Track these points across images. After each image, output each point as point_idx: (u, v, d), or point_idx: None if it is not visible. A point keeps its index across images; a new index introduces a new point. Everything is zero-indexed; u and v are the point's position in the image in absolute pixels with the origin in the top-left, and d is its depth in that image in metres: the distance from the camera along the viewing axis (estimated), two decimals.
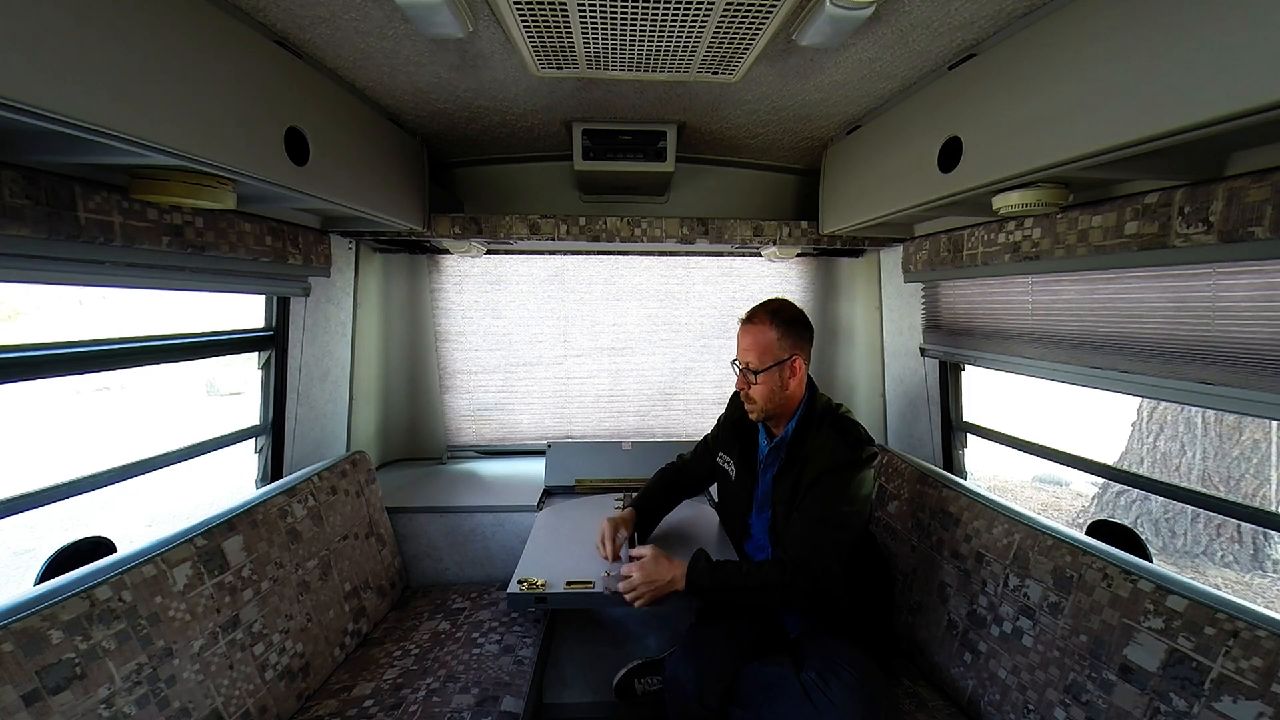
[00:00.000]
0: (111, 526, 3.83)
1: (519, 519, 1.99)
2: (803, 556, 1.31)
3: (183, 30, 0.91)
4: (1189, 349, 1.18)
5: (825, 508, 1.34)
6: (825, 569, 1.31)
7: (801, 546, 1.32)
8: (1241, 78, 0.72)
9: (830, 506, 1.34)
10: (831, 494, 1.34)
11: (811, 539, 1.32)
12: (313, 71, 1.27)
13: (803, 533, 1.34)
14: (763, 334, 1.45)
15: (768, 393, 1.45)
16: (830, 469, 1.35)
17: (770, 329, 1.45)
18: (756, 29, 1.14)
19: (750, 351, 1.46)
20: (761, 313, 1.48)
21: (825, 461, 1.36)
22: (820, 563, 1.30)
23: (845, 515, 1.35)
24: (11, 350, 1.09)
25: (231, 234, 1.37)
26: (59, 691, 0.88)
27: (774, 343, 1.44)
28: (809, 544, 1.32)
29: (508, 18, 1.11)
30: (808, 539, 1.33)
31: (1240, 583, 4.20)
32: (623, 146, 1.80)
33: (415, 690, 1.41)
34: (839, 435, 1.39)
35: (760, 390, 1.46)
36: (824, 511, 1.33)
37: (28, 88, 0.68)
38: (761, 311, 1.48)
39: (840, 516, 1.34)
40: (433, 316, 2.46)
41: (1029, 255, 1.40)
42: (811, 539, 1.32)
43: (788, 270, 2.54)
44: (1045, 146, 1.01)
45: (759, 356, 1.45)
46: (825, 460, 1.36)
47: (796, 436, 1.47)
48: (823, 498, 1.34)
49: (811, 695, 1.24)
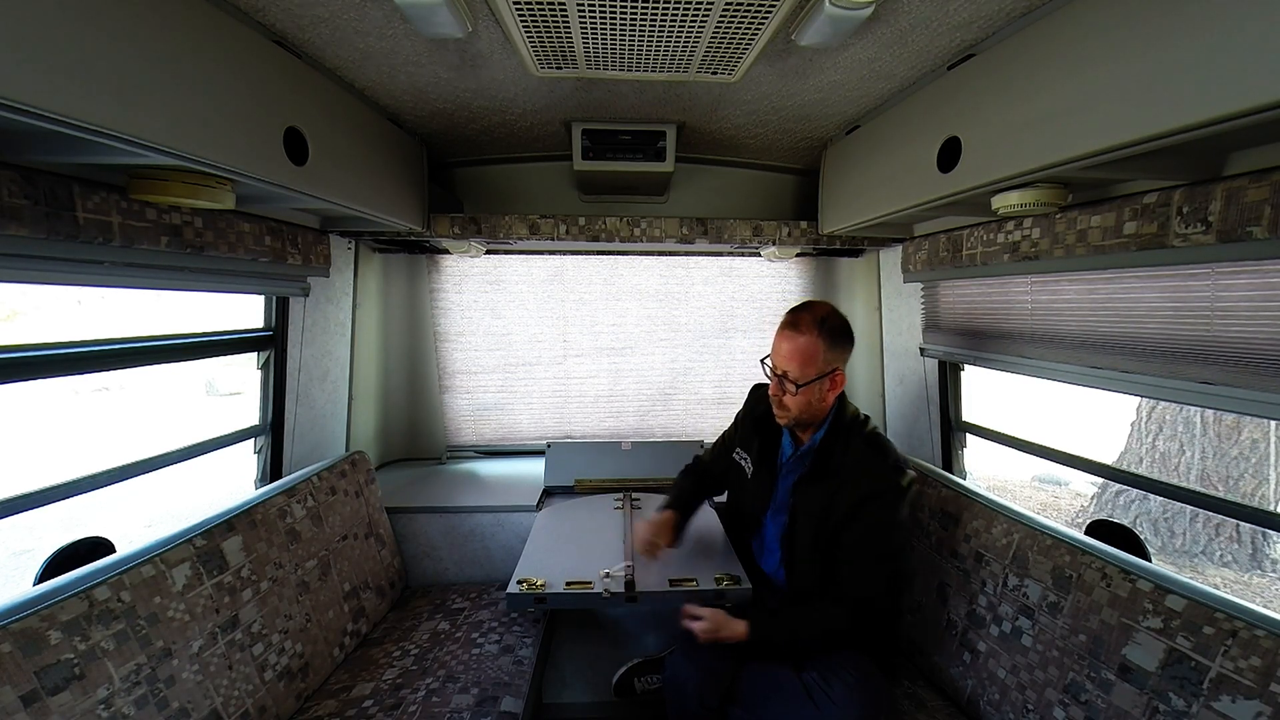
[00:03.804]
0: (110, 527, 3.82)
1: (518, 519, 1.99)
2: (865, 595, 1.33)
3: (182, 30, 0.91)
4: (1188, 349, 1.18)
5: (879, 543, 1.33)
6: (883, 604, 1.36)
7: (863, 587, 1.33)
8: (1240, 78, 0.73)
9: (884, 541, 1.33)
10: (882, 527, 1.32)
11: (872, 578, 1.33)
12: (312, 71, 1.27)
13: (862, 573, 1.33)
14: (810, 345, 1.35)
15: (804, 404, 1.38)
16: (872, 496, 1.31)
17: (818, 340, 1.35)
18: (756, 29, 1.14)
19: (792, 360, 1.36)
20: (809, 321, 1.37)
21: (867, 486, 1.31)
22: (881, 600, 1.35)
23: (896, 546, 1.37)
24: (11, 350, 1.08)
25: (230, 234, 1.37)
26: (58, 692, 0.88)
27: (820, 355, 1.35)
28: (870, 584, 1.33)
29: (507, 18, 1.11)
30: (868, 579, 1.33)
31: (1239, 582, 4.20)
32: (622, 146, 1.80)
33: (414, 690, 1.41)
34: (877, 455, 1.35)
35: (797, 401, 1.37)
36: (879, 548, 1.33)
37: (26, 88, 0.68)
38: (809, 319, 1.37)
39: (892, 549, 1.36)
40: (432, 316, 2.45)
41: (1028, 255, 1.40)
42: (872, 578, 1.33)
43: (787, 270, 2.54)
44: (1044, 146, 1.01)
45: (801, 368, 1.35)
46: (867, 485, 1.31)
47: (825, 447, 1.41)
48: (875, 532, 1.32)
49: (813, 695, 1.23)
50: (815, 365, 1.36)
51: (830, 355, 1.37)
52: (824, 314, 1.39)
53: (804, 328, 1.37)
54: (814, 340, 1.35)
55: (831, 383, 1.38)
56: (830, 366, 1.37)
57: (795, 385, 1.36)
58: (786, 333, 1.39)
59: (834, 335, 1.37)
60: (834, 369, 1.38)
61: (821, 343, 1.35)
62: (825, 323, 1.37)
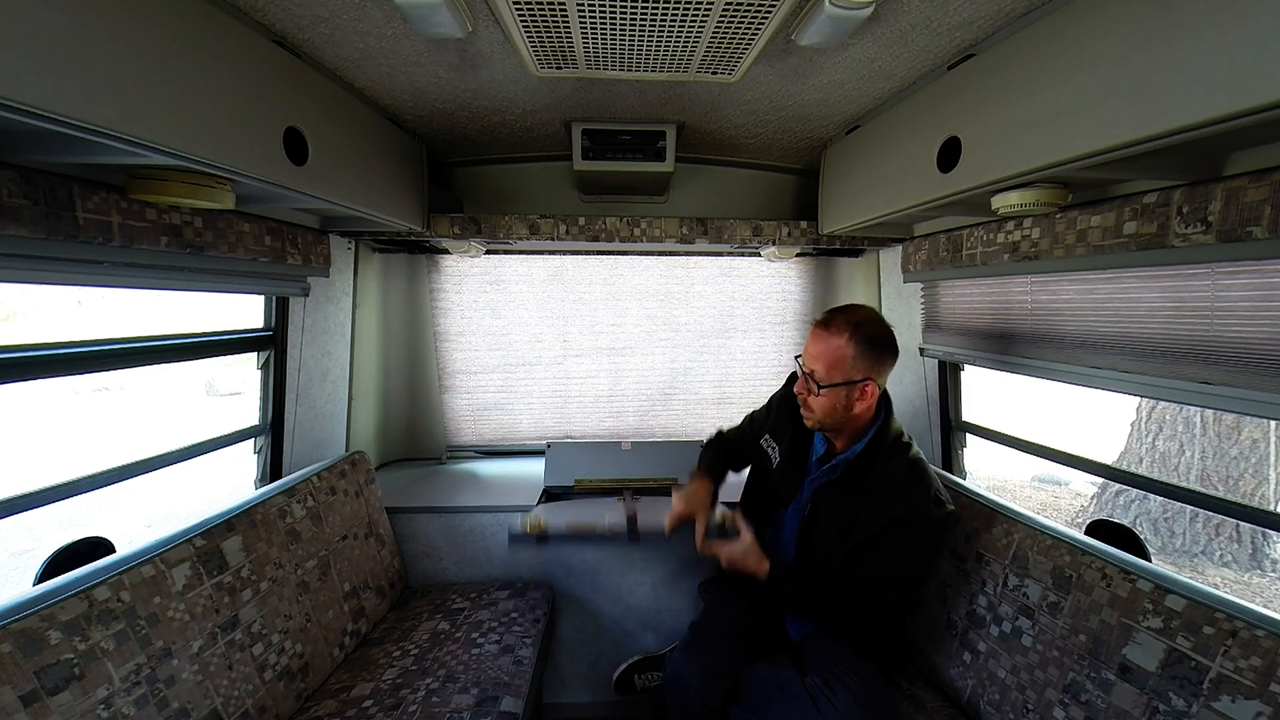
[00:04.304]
0: (110, 527, 3.83)
1: (519, 519, 1.99)
2: (877, 608, 1.34)
3: (181, 30, 0.91)
4: (1188, 349, 1.18)
5: (902, 568, 1.32)
6: (892, 619, 1.39)
7: (883, 606, 1.34)
8: (1240, 78, 0.73)
9: (906, 567, 1.33)
10: (907, 553, 1.31)
11: (888, 597, 1.34)
12: (311, 71, 1.27)
13: (885, 593, 1.34)
14: (838, 347, 1.30)
15: (828, 407, 1.34)
16: (902, 521, 1.28)
17: (848, 344, 1.30)
18: (756, 29, 1.14)
19: (818, 360, 1.32)
20: (842, 322, 1.32)
21: (901, 510, 1.28)
22: (891, 615, 1.38)
23: (920, 573, 1.38)
24: (10, 350, 1.08)
25: (230, 234, 1.37)
26: (57, 692, 0.88)
27: (848, 360, 1.30)
28: (886, 601, 1.34)
29: (507, 18, 1.11)
30: (890, 599, 1.34)
31: (1239, 582, 4.21)
32: (622, 146, 1.79)
33: (414, 690, 1.41)
34: (918, 483, 1.31)
35: (820, 403, 1.34)
36: (901, 572, 1.33)
37: (25, 87, 0.68)
38: (843, 320, 1.33)
39: (913, 575, 1.36)
40: (432, 316, 2.45)
41: (1028, 255, 1.40)
42: (888, 597, 1.34)
43: (787, 270, 2.53)
44: (1044, 146, 1.01)
45: (826, 369, 1.31)
46: (901, 509, 1.28)
47: (861, 461, 1.36)
48: (900, 557, 1.31)
49: (816, 700, 1.23)
50: (842, 370, 1.31)
51: (861, 364, 1.30)
52: (861, 319, 1.33)
53: (835, 329, 1.32)
54: (844, 344, 1.30)
55: (860, 392, 1.32)
56: (860, 375, 1.31)
57: (818, 386, 1.32)
58: (818, 331, 1.35)
59: (869, 343, 1.30)
60: (865, 379, 1.31)
61: (852, 348, 1.30)
62: (860, 328, 1.31)
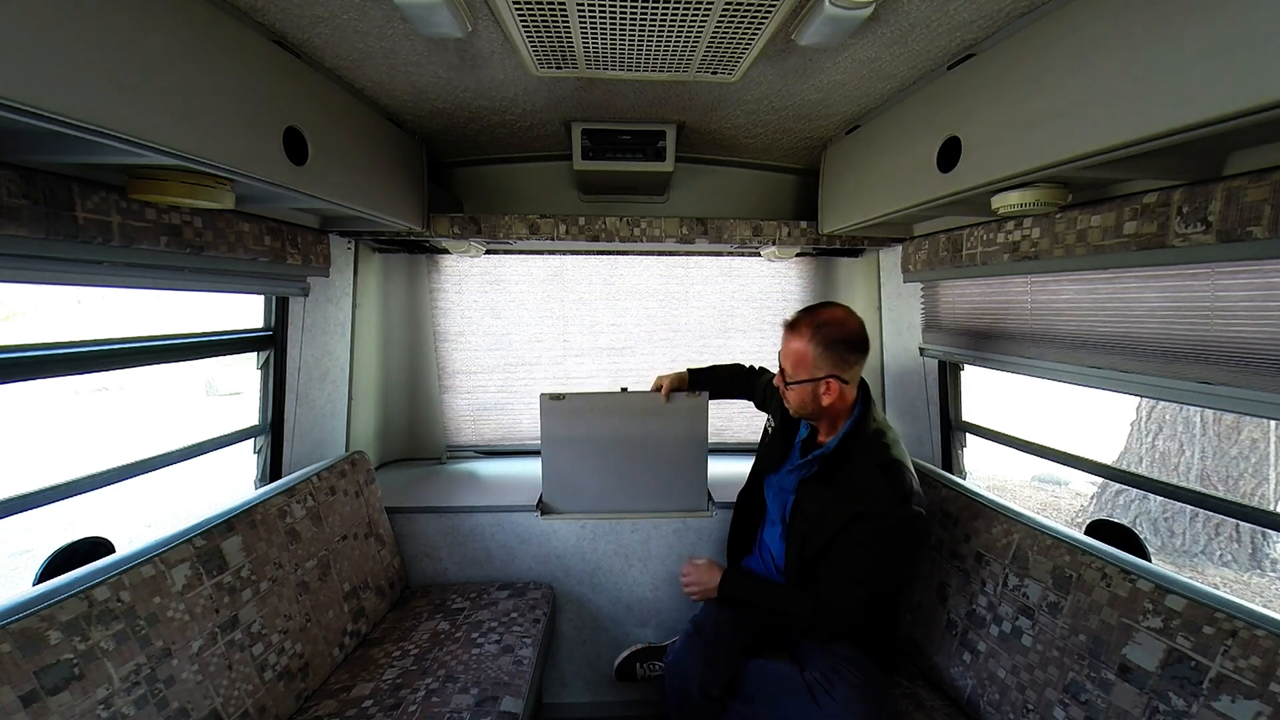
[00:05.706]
0: (110, 527, 3.82)
1: (518, 519, 1.99)
2: (833, 608, 1.32)
3: (181, 30, 0.91)
4: (1188, 348, 1.18)
5: (857, 564, 1.30)
6: (851, 622, 1.32)
7: (835, 600, 1.32)
8: (1240, 78, 0.72)
9: (862, 563, 1.30)
10: (865, 549, 1.29)
11: (842, 594, 1.32)
12: (311, 71, 1.27)
13: (838, 587, 1.32)
14: (800, 347, 1.37)
15: (799, 400, 1.41)
16: (864, 517, 1.28)
17: (808, 344, 1.35)
18: (756, 29, 1.14)
19: (786, 359, 1.41)
20: (805, 323, 1.38)
21: (864, 506, 1.28)
22: (849, 617, 1.32)
23: (883, 573, 1.32)
24: (10, 350, 1.08)
25: (230, 234, 1.37)
26: (57, 692, 0.88)
27: (810, 359, 1.36)
28: (843, 599, 1.31)
29: (507, 17, 1.11)
30: (842, 594, 1.31)
31: (1239, 582, 4.20)
32: (622, 146, 1.79)
33: (414, 690, 1.41)
34: (887, 483, 1.30)
35: (792, 396, 1.42)
36: (856, 568, 1.30)
37: (25, 87, 0.68)
38: (806, 322, 1.38)
39: (878, 575, 1.32)
40: (432, 316, 2.45)
41: (1028, 255, 1.40)
42: (842, 594, 1.32)
43: (787, 270, 2.53)
44: (1044, 146, 1.01)
45: (793, 367, 1.39)
46: (867, 503, 1.29)
47: (835, 456, 1.39)
48: (856, 552, 1.29)
49: (816, 695, 1.24)
50: (806, 369, 1.37)
51: (823, 362, 1.35)
52: (824, 320, 1.37)
53: (800, 330, 1.39)
54: (805, 345, 1.37)
55: (826, 387, 1.36)
56: (823, 373, 1.35)
57: (786, 382, 1.42)
58: (786, 332, 1.44)
59: (829, 344, 1.35)
60: (828, 376, 1.35)
61: (812, 349, 1.35)
62: (821, 329, 1.36)
